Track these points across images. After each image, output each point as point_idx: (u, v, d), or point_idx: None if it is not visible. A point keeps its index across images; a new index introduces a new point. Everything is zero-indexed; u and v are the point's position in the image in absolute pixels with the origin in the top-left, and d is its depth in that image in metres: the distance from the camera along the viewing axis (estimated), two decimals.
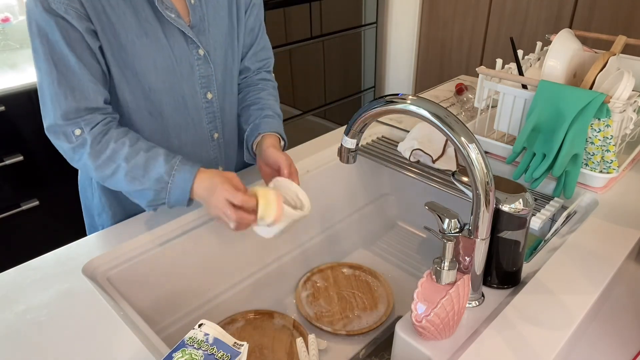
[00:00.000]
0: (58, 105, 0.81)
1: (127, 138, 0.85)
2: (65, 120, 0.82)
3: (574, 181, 0.97)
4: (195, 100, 0.97)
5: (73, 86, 0.81)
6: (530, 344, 0.66)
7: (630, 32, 2.18)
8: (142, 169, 0.83)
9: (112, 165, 0.83)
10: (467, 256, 0.70)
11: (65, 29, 0.79)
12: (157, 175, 0.83)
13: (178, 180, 0.83)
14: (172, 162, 0.84)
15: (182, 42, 0.91)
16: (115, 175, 0.84)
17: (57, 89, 0.81)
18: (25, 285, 0.79)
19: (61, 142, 0.84)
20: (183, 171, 0.83)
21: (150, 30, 0.86)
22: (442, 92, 1.56)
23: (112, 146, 0.83)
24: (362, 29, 3.03)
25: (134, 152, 0.83)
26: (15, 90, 1.69)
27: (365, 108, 0.72)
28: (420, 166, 1.13)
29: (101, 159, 0.83)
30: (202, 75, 0.96)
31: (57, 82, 0.80)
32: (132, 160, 0.83)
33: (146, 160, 0.83)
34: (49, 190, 1.89)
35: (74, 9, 0.79)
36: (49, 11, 0.77)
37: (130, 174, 0.83)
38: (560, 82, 1.03)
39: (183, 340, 0.57)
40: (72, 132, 0.83)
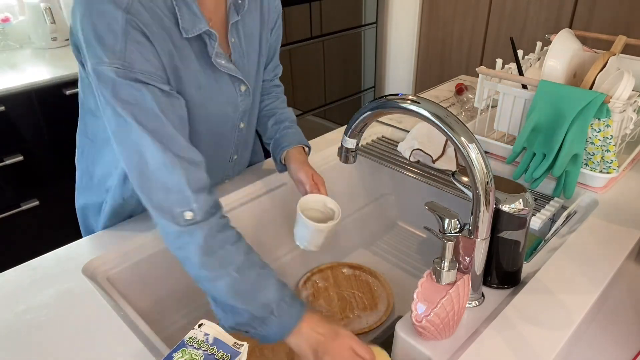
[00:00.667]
0: (169, 175, 0.72)
1: (242, 244, 0.75)
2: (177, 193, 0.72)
3: (574, 181, 0.97)
4: (232, 132, 0.97)
5: (178, 153, 0.73)
6: (530, 344, 0.66)
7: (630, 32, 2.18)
8: (250, 286, 0.72)
9: (221, 271, 0.72)
10: (467, 256, 0.70)
11: (156, 94, 0.73)
12: (266, 300, 0.71)
13: (284, 314, 0.71)
14: (283, 293, 0.73)
15: (228, 82, 0.88)
16: (216, 282, 0.72)
17: (164, 157, 0.72)
18: (25, 285, 0.79)
19: (167, 222, 0.73)
20: (294, 306, 0.72)
21: (203, 80, 0.83)
22: (442, 92, 1.56)
23: (228, 248, 0.73)
24: (362, 29, 3.03)
25: (249, 264, 0.73)
26: (15, 90, 1.69)
27: (365, 108, 0.72)
28: (420, 166, 1.13)
29: (212, 257, 0.72)
30: (243, 110, 0.95)
31: (162, 151, 0.72)
32: (245, 274, 0.72)
33: (257, 279, 0.73)
34: (49, 190, 1.89)
35: (159, 77, 0.74)
36: (135, 80, 0.71)
37: (237, 286, 0.71)
38: (560, 82, 1.03)
39: (183, 340, 0.57)
40: (181, 213, 0.72)
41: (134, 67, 0.70)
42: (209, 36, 0.79)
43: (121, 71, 0.70)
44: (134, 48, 0.70)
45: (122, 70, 0.70)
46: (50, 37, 2.07)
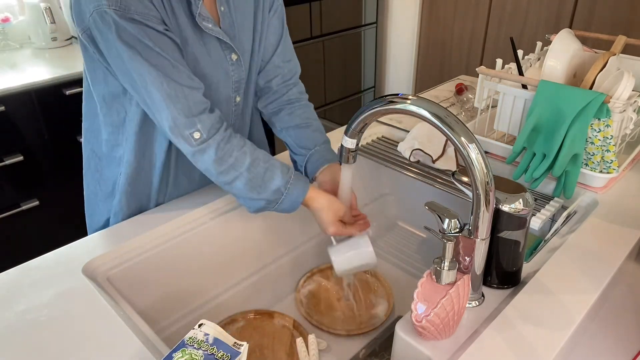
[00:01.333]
0: (173, 105, 0.83)
1: (247, 148, 0.89)
2: (183, 119, 0.83)
3: (574, 181, 0.97)
4: (228, 104, 0.99)
5: (180, 85, 0.83)
6: (530, 344, 0.66)
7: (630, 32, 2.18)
8: (260, 179, 0.88)
9: (234, 174, 0.87)
10: (467, 256, 0.70)
11: (153, 34, 0.80)
12: (275, 187, 0.88)
13: (292, 193, 0.89)
14: (288, 176, 0.90)
15: (218, 48, 0.92)
16: (234, 182, 0.87)
17: (169, 89, 0.82)
18: (25, 285, 0.79)
19: (182, 145, 0.86)
20: (297, 186, 0.90)
21: (192, 38, 0.88)
22: (442, 92, 1.56)
23: (236, 155, 0.87)
24: (362, 29, 3.03)
25: (255, 163, 0.88)
26: (15, 90, 1.69)
27: (365, 108, 0.72)
28: (420, 166, 1.13)
29: (224, 166, 0.86)
30: (235, 80, 0.98)
31: (166, 83, 0.81)
32: (254, 171, 0.87)
33: (265, 172, 0.88)
34: (49, 190, 1.90)
35: (154, 17, 0.80)
36: (135, 22, 0.78)
37: (250, 183, 0.87)
38: (560, 82, 1.03)
39: (183, 340, 0.57)
40: (190, 135, 0.84)
41: (130, 9, 0.78)
42: None
43: (119, 12, 0.77)
44: None
45: (120, 11, 0.77)
46: (50, 37, 2.07)
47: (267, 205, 0.90)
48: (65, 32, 2.13)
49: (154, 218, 0.95)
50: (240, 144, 0.88)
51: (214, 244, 1.00)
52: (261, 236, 1.08)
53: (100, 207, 1.06)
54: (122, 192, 0.99)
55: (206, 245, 0.99)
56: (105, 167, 1.02)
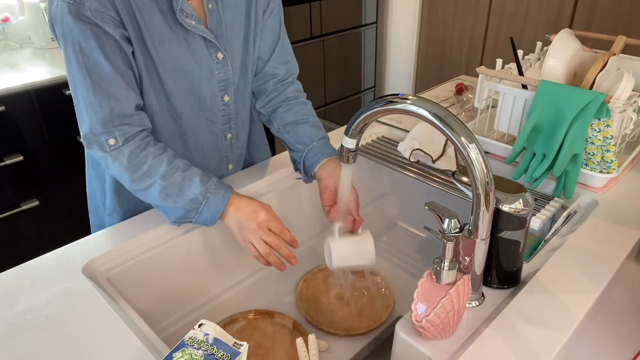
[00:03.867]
0: (93, 113, 0.82)
1: (165, 156, 0.86)
2: (100, 129, 0.82)
3: (574, 181, 0.97)
4: (213, 103, 0.99)
5: (108, 94, 0.82)
6: (530, 344, 0.66)
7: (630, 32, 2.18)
8: (177, 188, 0.85)
9: (149, 181, 0.85)
10: (467, 256, 0.70)
11: (100, 37, 0.79)
12: (192, 196, 0.85)
13: (211, 203, 0.86)
14: (208, 185, 0.87)
15: (202, 46, 0.91)
16: (149, 190, 0.85)
17: (92, 97, 0.81)
18: (25, 285, 0.79)
19: (94, 150, 0.84)
20: (217, 195, 0.86)
21: (172, 36, 0.87)
22: (442, 92, 1.56)
23: (150, 162, 0.85)
24: (362, 29, 3.03)
25: (172, 171, 0.85)
26: (15, 90, 1.69)
27: (365, 108, 0.72)
28: (420, 166, 1.13)
29: (137, 173, 0.84)
30: (220, 79, 0.97)
31: (91, 90, 0.81)
32: (169, 179, 0.85)
33: (182, 180, 0.86)
34: (49, 190, 1.90)
35: (109, 17, 0.79)
36: (83, 19, 0.77)
37: (165, 191, 0.85)
38: (560, 82, 1.03)
39: (183, 340, 0.57)
40: (105, 141, 0.83)
41: (84, 5, 0.77)
42: None
43: (73, 7, 0.76)
44: None
45: (73, 6, 0.76)
46: (50, 37, 2.07)
47: (186, 215, 0.87)
48: None
49: (154, 218, 0.95)
50: (157, 152, 0.86)
51: (214, 244, 1.00)
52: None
53: (99, 205, 1.06)
54: (112, 191, 0.99)
55: (206, 245, 0.99)
56: (98, 165, 1.02)
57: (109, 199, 1.02)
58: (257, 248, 0.86)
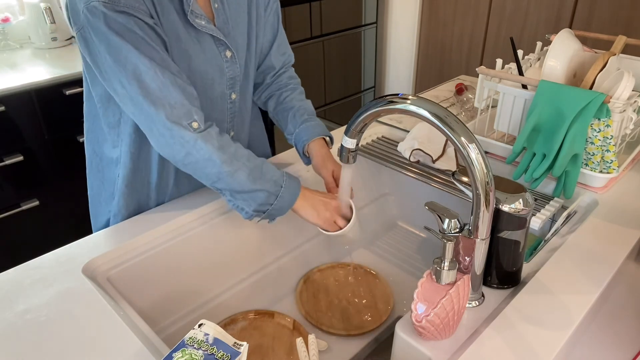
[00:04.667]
0: (170, 92, 0.81)
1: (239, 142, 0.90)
2: (185, 106, 0.82)
3: (574, 181, 0.97)
4: (223, 101, 1.00)
5: (173, 73, 0.82)
6: (530, 344, 0.66)
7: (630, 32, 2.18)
8: (259, 171, 0.87)
9: (237, 164, 0.85)
10: (467, 256, 0.70)
11: (143, 27, 0.80)
12: (275, 178, 0.88)
13: (289, 186, 0.89)
14: (282, 170, 0.90)
15: (212, 45, 0.92)
16: (236, 173, 0.85)
17: (163, 78, 0.81)
18: (25, 285, 0.79)
19: (183, 130, 0.82)
20: (292, 179, 0.90)
21: (185, 35, 0.88)
22: (442, 92, 1.56)
23: (234, 145, 0.87)
24: (362, 29, 3.03)
25: (250, 155, 0.88)
26: (15, 90, 1.69)
27: (365, 108, 0.72)
28: (420, 166, 1.13)
29: (227, 154, 0.85)
30: (230, 77, 0.98)
31: (160, 72, 0.80)
32: (253, 161, 0.87)
33: (262, 164, 0.89)
34: (49, 190, 1.90)
35: (143, 10, 0.80)
36: (124, 14, 0.78)
37: (252, 173, 0.86)
38: (560, 82, 1.03)
39: (183, 340, 0.57)
40: (189, 124, 0.83)
41: (119, 2, 0.77)
42: None
43: (108, 5, 0.77)
44: None
45: (109, 4, 0.77)
46: (50, 37, 2.07)
47: (267, 200, 0.87)
48: (65, 32, 2.13)
49: (154, 218, 0.95)
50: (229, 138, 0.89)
51: (214, 243, 1.00)
52: (261, 236, 1.08)
53: (103, 207, 1.06)
54: (120, 194, 0.99)
55: (206, 245, 0.99)
56: (105, 168, 1.02)
57: (116, 200, 1.01)
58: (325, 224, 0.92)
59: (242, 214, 0.89)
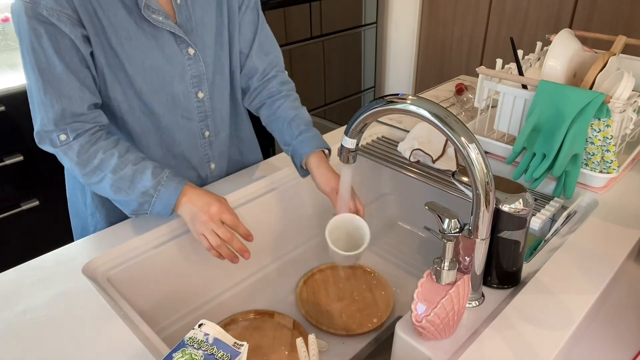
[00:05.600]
0: (45, 112, 0.83)
1: (116, 149, 0.86)
2: (52, 126, 0.83)
3: (574, 181, 0.97)
4: (187, 99, 0.98)
5: (60, 94, 0.82)
6: (530, 344, 0.66)
7: (630, 32, 2.18)
8: (128, 181, 0.85)
9: (100, 175, 0.85)
10: (467, 256, 0.70)
11: (55, 36, 0.79)
12: (143, 189, 0.85)
13: (163, 195, 0.86)
14: (160, 177, 0.86)
15: (172, 42, 0.91)
16: (101, 183, 0.86)
17: (44, 96, 0.82)
18: (25, 285, 0.79)
19: (46, 146, 0.86)
20: (169, 187, 0.86)
21: (139, 32, 0.86)
22: (442, 92, 1.56)
23: (100, 156, 0.85)
24: (362, 29, 3.03)
25: (122, 164, 0.85)
26: (15, 90, 1.69)
27: (365, 108, 0.72)
28: (420, 166, 1.13)
29: (88, 167, 0.85)
30: (193, 75, 0.96)
31: (43, 90, 0.81)
32: (120, 172, 0.85)
33: (133, 173, 0.85)
34: (49, 190, 1.89)
35: (66, 15, 0.78)
36: (38, 18, 0.77)
37: (116, 184, 0.85)
38: (560, 82, 1.03)
39: (183, 340, 0.57)
40: (57, 137, 0.84)
41: (39, 2, 0.76)
42: None
43: (29, 5, 0.76)
44: None
45: (30, 4, 0.76)
46: None
47: (140, 207, 0.87)
48: None
49: (154, 218, 0.95)
50: (108, 146, 0.86)
51: None
52: (261, 236, 1.08)
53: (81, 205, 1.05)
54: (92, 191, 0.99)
55: None
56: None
57: (89, 198, 1.01)
58: (208, 240, 0.85)
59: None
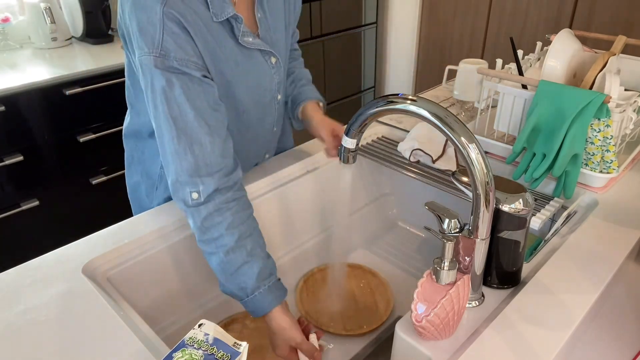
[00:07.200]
0: (179, 161, 0.82)
1: (238, 230, 0.83)
2: (186, 177, 0.82)
3: (574, 181, 0.97)
4: (271, 104, 1.03)
5: (192, 140, 0.82)
6: (530, 344, 0.66)
7: (630, 32, 2.18)
8: (234, 269, 0.83)
9: (213, 248, 0.83)
10: (467, 256, 0.70)
11: (186, 83, 0.80)
12: (243, 285, 0.83)
13: (257, 301, 0.83)
14: (262, 282, 0.83)
15: (259, 56, 0.94)
16: (210, 256, 0.84)
17: (177, 145, 0.81)
18: (25, 285, 0.79)
19: (178, 201, 0.84)
20: (267, 296, 0.83)
21: (241, 56, 0.90)
22: (442, 92, 1.56)
23: (221, 232, 0.82)
24: (362, 29, 3.03)
25: (237, 249, 0.83)
26: (15, 90, 1.69)
27: (365, 108, 0.72)
28: (420, 166, 1.13)
29: (206, 236, 0.83)
30: (278, 82, 1.00)
31: (176, 139, 0.81)
32: (231, 256, 0.83)
33: (242, 264, 0.83)
34: (49, 190, 1.90)
35: (193, 63, 0.81)
36: (169, 70, 0.79)
37: (222, 266, 0.83)
38: (560, 82, 1.03)
39: (183, 340, 0.57)
40: (189, 193, 0.82)
41: (169, 55, 0.79)
42: (235, 19, 0.86)
43: (159, 59, 0.78)
44: (169, 38, 0.78)
45: (160, 58, 0.78)
46: (50, 37, 2.07)
47: (234, 295, 0.85)
48: (65, 32, 2.13)
49: (154, 218, 0.95)
50: (234, 223, 0.83)
51: None
52: None
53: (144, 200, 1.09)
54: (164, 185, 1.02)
55: None
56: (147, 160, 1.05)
57: (161, 190, 1.05)
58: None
59: None
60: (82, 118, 1.87)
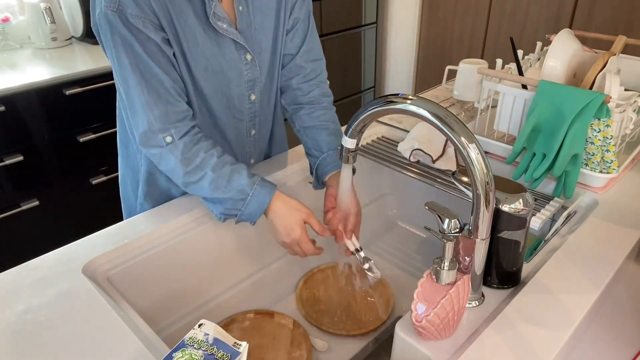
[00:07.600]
0: (150, 111, 0.85)
1: (215, 150, 0.90)
2: (159, 125, 0.86)
3: (574, 181, 0.97)
4: (241, 101, 1.01)
5: (159, 93, 0.85)
6: (530, 344, 0.66)
7: (630, 32, 2.18)
8: (226, 180, 0.88)
9: (200, 173, 0.88)
10: (467, 256, 0.70)
11: (142, 41, 0.82)
12: (240, 187, 0.88)
13: (258, 194, 0.89)
14: (254, 178, 0.90)
15: (232, 48, 0.94)
16: (200, 182, 0.89)
17: (147, 96, 0.84)
18: (25, 285, 0.79)
19: (151, 148, 0.88)
20: (264, 187, 0.89)
21: (205, 38, 0.89)
22: (442, 92, 1.56)
23: (202, 155, 0.88)
24: (362, 29, 3.03)
25: (221, 163, 0.89)
26: (15, 90, 1.69)
27: (365, 108, 0.72)
28: (420, 166, 1.13)
29: (190, 166, 0.88)
30: (249, 80, 0.99)
31: (146, 90, 0.84)
32: (219, 171, 0.88)
33: (231, 172, 0.89)
34: (49, 190, 1.90)
35: (150, 22, 0.82)
36: (127, 25, 0.81)
37: (215, 182, 0.88)
38: (560, 82, 1.03)
39: (183, 340, 0.57)
40: (163, 138, 0.87)
41: (126, 11, 0.80)
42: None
43: (115, 14, 0.80)
44: None
45: (116, 12, 0.80)
46: (50, 37, 2.07)
47: (233, 206, 0.89)
48: (65, 32, 2.13)
49: (154, 218, 0.95)
50: (208, 147, 0.90)
51: (214, 243, 1.00)
52: (261, 236, 1.08)
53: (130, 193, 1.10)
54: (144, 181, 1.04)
55: (206, 245, 0.99)
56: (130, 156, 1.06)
57: (141, 188, 1.05)
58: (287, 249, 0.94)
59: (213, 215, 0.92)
60: (82, 118, 1.87)
